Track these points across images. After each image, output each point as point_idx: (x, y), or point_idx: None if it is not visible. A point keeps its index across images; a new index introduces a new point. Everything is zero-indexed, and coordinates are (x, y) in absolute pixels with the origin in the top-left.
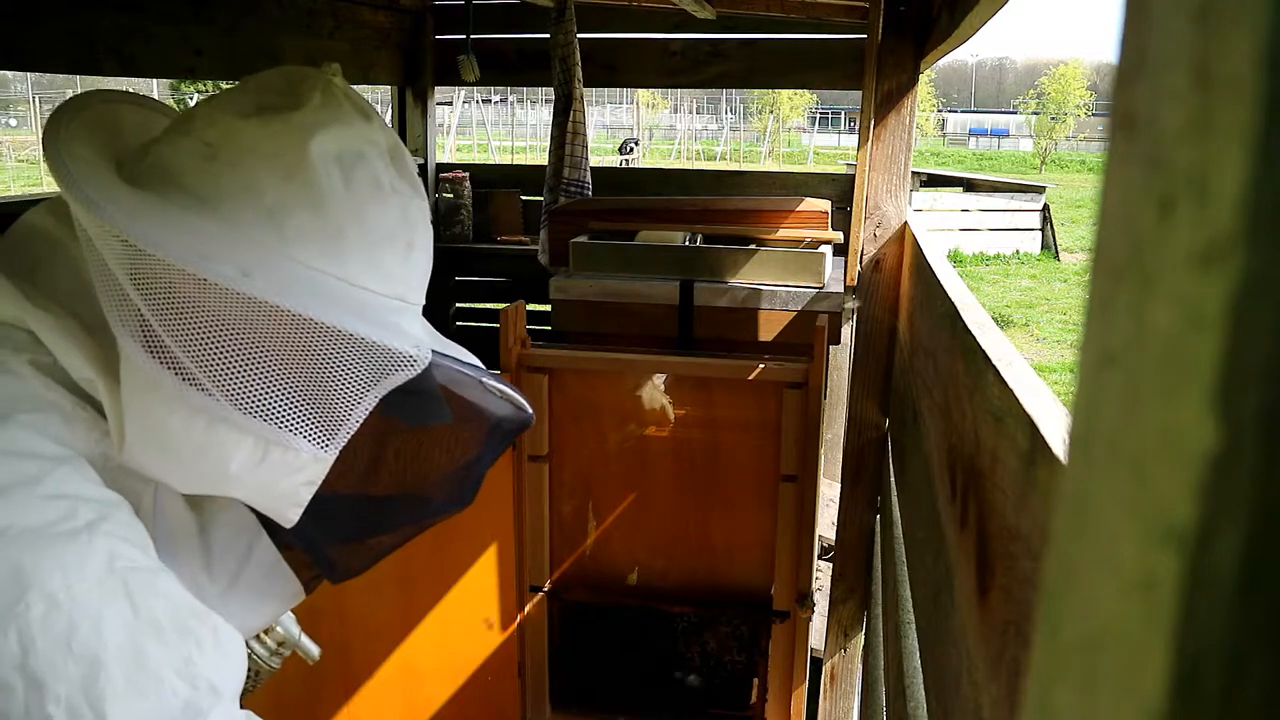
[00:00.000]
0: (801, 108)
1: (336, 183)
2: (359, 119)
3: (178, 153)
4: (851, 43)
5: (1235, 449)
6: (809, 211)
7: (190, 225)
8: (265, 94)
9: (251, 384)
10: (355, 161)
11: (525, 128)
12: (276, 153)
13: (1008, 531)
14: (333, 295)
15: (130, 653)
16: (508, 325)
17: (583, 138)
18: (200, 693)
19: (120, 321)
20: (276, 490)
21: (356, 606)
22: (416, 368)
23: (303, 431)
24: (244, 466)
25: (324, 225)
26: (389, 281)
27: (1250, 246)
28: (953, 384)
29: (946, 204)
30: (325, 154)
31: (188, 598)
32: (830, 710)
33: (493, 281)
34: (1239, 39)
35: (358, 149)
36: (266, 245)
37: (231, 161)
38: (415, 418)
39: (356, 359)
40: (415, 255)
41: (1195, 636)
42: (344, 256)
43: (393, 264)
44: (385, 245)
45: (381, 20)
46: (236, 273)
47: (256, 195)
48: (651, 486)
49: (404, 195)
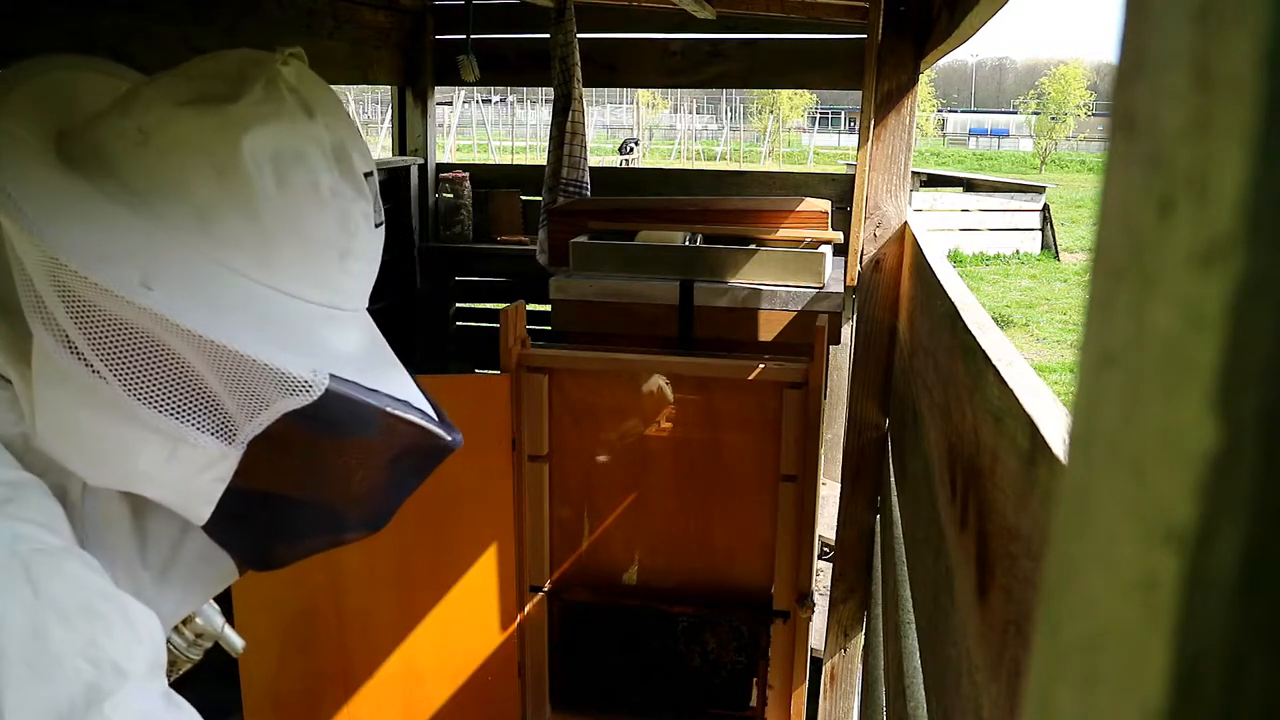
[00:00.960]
0: (801, 108)
1: (269, 185)
2: (301, 115)
3: (112, 134)
4: (851, 43)
5: (1235, 449)
6: (809, 211)
7: (107, 220)
8: (208, 81)
9: (156, 383)
10: (293, 162)
11: (525, 128)
12: (209, 148)
13: (1008, 531)
14: (249, 306)
15: (30, 636)
16: (508, 325)
17: (582, 138)
18: (104, 674)
19: (31, 309)
20: (186, 488)
21: (356, 606)
22: (311, 394)
23: (209, 429)
24: (152, 463)
25: (254, 230)
26: (322, 290)
27: (1250, 246)
28: (953, 384)
29: (946, 204)
30: (259, 153)
31: (96, 580)
32: (830, 710)
33: (493, 281)
34: (1239, 39)
35: (296, 148)
36: (192, 247)
37: (163, 152)
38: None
39: (252, 377)
40: (352, 264)
41: (1195, 636)
42: (274, 263)
43: (327, 272)
44: (320, 253)
45: (381, 20)
46: (136, 280)
47: (186, 193)
48: (651, 486)
49: (344, 199)
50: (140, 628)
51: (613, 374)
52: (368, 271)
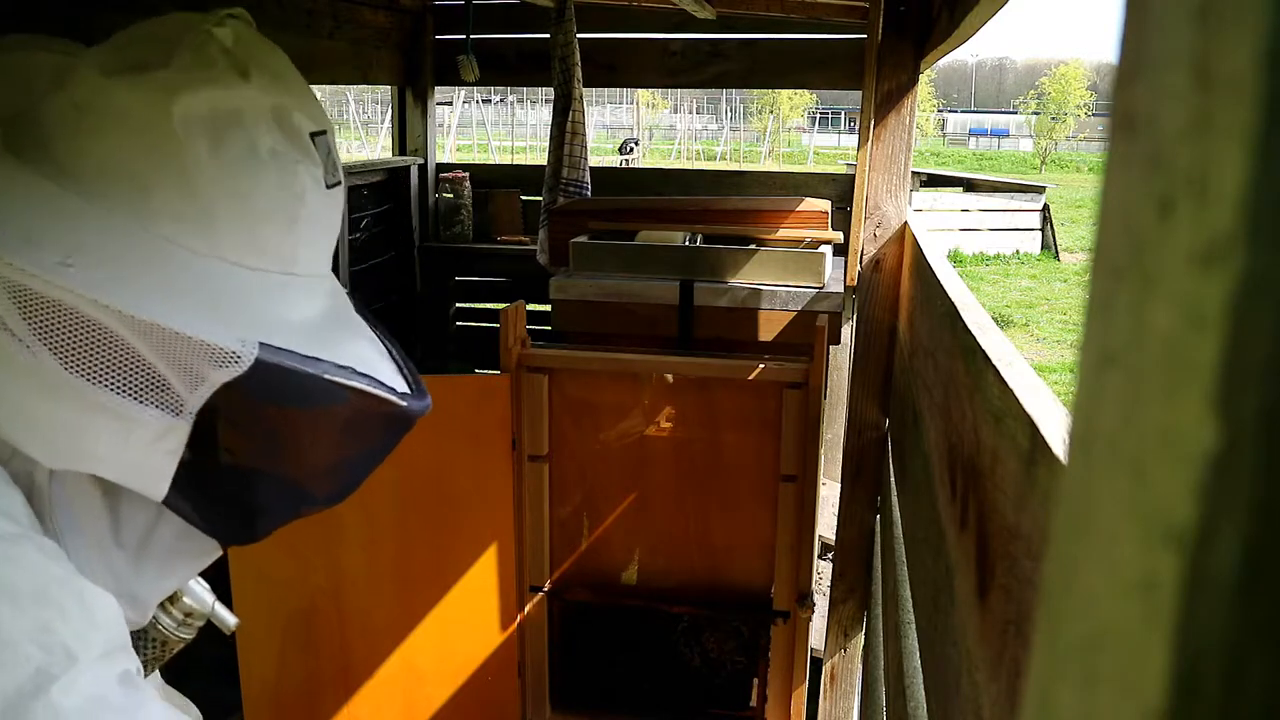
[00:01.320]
0: (801, 108)
1: (203, 152)
2: (233, 78)
3: (50, 111)
4: (851, 43)
5: (1235, 449)
6: (809, 211)
7: (39, 201)
8: (139, 47)
9: (94, 360)
10: (227, 127)
11: (525, 128)
12: (139, 118)
13: (1008, 531)
14: (185, 278)
15: None
16: (508, 325)
17: (582, 138)
18: (54, 658)
19: None
20: (140, 464)
21: (356, 606)
22: (240, 365)
23: (153, 402)
24: (101, 441)
25: (191, 200)
26: (270, 256)
27: (1250, 246)
28: (953, 384)
29: (946, 204)
30: (190, 119)
31: (52, 566)
32: (830, 710)
33: (493, 281)
34: (1239, 39)
35: (230, 112)
36: (127, 221)
37: (94, 127)
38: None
39: (182, 350)
40: (302, 227)
41: (1195, 636)
42: (215, 232)
43: (274, 236)
44: (264, 218)
45: (381, 20)
46: (57, 258)
47: (119, 167)
48: (651, 486)
49: (286, 161)
50: (96, 612)
51: (613, 374)
52: (322, 235)
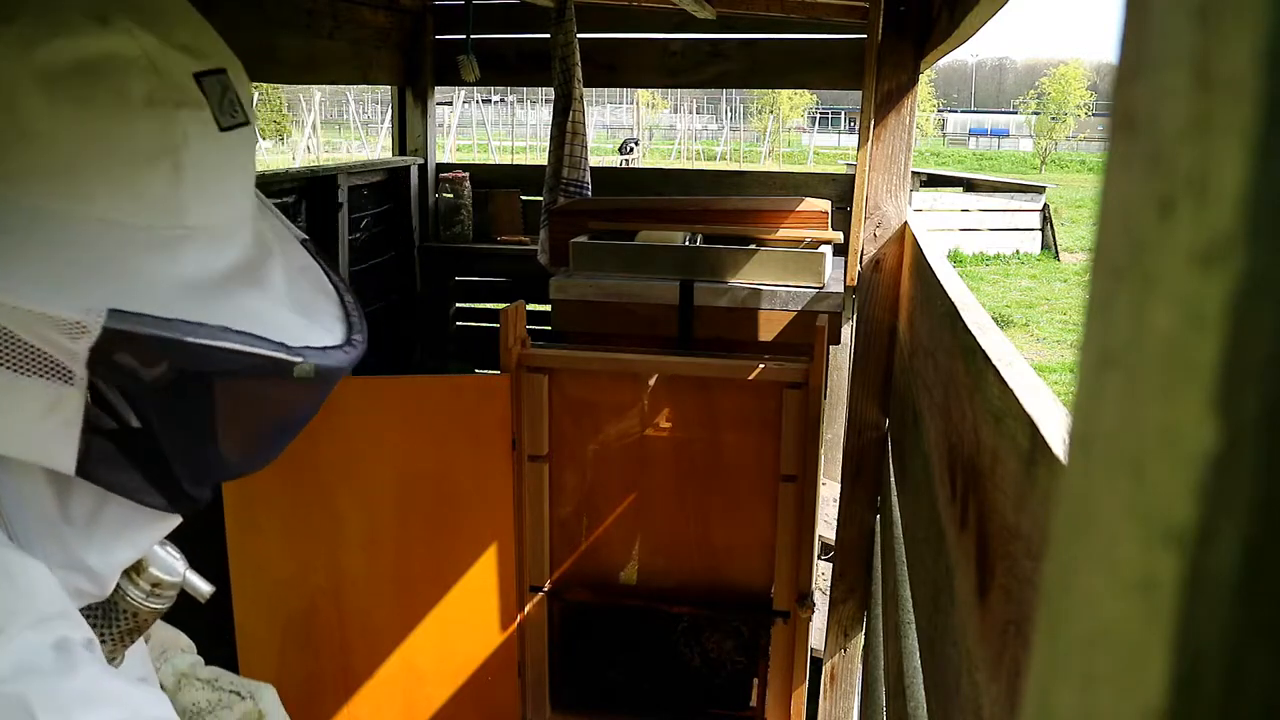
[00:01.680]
0: (801, 108)
1: (63, 106)
2: (90, 25)
3: None
4: (851, 43)
5: (1235, 449)
6: (809, 211)
7: None
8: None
9: None
10: (89, 77)
11: (525, 128)
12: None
13: (1008, 531)
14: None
15: None
16: (508, 325)
17: (582, 138)
18: None
19: None
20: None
21: (356, 606)
22: (89, 335)
23: (37, 372)
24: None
25: (55, 156)
26: (153, 210)
27: (1250, 246)
28: (953, 384)
29: (946, 204)
30: (46, 73)
31: None
32: (830, 710)
33: (493, 281)
34: (1239, 39)
35: (91, 61)
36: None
37: None
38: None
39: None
40: (189, 175)
41: (1195, 636)
42: (88, 191)
43: (157, 188)
44: (143, 168)
45: (381, 20)
46: None
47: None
48: (651, 486)
49: (163, 107)
50: (20, 581)
51: (613, 374)
52: (218, 182)
